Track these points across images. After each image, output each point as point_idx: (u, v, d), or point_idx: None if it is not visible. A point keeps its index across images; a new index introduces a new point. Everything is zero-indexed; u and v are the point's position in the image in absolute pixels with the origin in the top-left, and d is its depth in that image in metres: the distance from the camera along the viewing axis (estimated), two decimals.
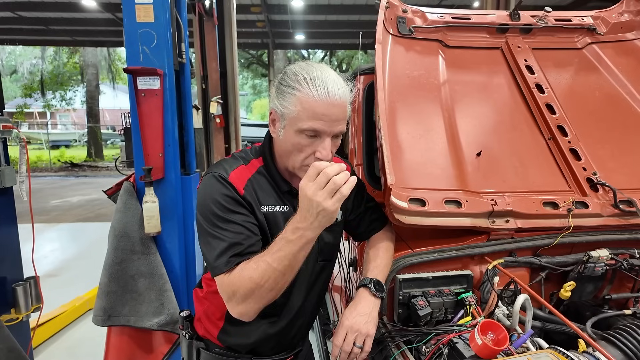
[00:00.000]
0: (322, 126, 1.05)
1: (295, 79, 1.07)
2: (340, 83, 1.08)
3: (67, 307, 3.76)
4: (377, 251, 1.34)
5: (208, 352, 1.30)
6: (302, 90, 1.05)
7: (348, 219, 1.39)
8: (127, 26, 2.05)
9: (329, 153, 1.10)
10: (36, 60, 23.47)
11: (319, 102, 1.04)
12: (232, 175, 1.13)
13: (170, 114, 2.16)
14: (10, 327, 1.97)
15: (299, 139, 1.08)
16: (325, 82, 1.05)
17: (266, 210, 1.16)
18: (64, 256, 5.78)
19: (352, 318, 1.16)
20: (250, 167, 1.19)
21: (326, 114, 1.05)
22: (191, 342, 1.33)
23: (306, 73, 1.07)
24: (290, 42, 17.15)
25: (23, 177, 2.10)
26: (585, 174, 1.53)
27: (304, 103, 1.05)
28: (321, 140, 1.08)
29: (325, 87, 1.04)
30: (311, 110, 1.04)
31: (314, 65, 1.11)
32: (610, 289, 1.47)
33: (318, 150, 1.08)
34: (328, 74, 1.08)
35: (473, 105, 1.75)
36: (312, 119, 1.05)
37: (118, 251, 2.12)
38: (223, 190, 1.11)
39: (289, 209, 1.20)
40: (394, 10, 1.85)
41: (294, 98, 1.06)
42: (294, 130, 1.08)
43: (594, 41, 1.96)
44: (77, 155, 19.91)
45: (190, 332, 1.33)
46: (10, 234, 2.14)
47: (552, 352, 0.93)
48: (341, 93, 1.06)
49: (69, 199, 10.26)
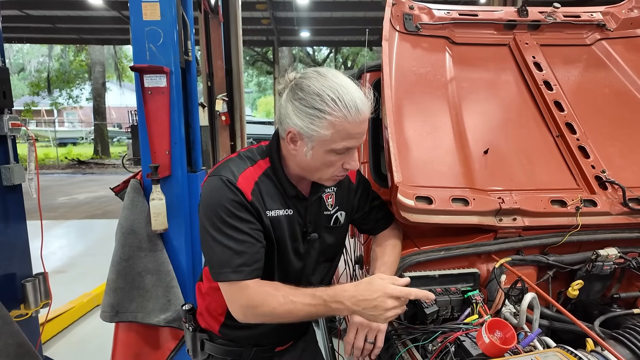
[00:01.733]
0: (354, 143, 1.07)
1: (321, 101, 1.01)
2: (363, 95, 1.06)
3: (75, 303, 3.80)
4: (384, 249, 1.34)
5: (212, 343, 1.32)
6: (333, 114, 1.01)
7: (353, 218, 1.39)
8: (133, 24, 2.06)
9: (357, 164, 1.12)
10: (43, 58, 23.65)
11: (353, 124, 1.02)
12: (240, 180, 1.11)
13: (177, 111, 2.17)
14: (20, 323, 1.99)
15: (329, 157, 1.07)
16: (354, 100, 1.02)
17: (272, 215, 1.15)
18: (71, 253, 5.84)
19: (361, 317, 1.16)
20: (257, 168, 1.17)
21: (358, 132, 1.05)
22: (195, 334, 1.35)
23: (332, 92, 1.01)
24: (295, 39, 17.12)
25: (32, 174, 2.12)
26: (593, 172, 1.52)
27: (337, 126, 1.02)
28: (351, 153, 1.10)
29: (356, 106, 1.02)
30: (346, 132, 1.03)
31: (331, 78, 1.05)
32: (618, 287, 1.46)
33: (348, 163, 1.10)
34: (351, 88, 1.04)
35: (480, 103, 1.74)
36: (345, 140, 1.04)
37: (125, 248, 2.14)
38: (231, 196, 1.09)
39: (293, 212, 1.20)
40: (401, 7, 1.84)
41: (326, 122, 1.01)
42: (325, 151, 1.06)
43: (603, 37, 1.94)
44: (84, 153, 20.06)
45: (194, 325, 1.36)
46: (20, 230, 2.16)
47: (560, 351, 0.93)
48: (367, 107, 1.06)
49: (76, 196, 10.35)
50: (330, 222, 1.29)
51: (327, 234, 1.29)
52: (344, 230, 1.36)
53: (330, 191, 1.28)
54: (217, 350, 1.32)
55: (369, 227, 1.44)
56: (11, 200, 2.10)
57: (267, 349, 1.34)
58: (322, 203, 1.27)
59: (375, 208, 1.41)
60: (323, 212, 1.27)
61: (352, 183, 1.34)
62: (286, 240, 1.19)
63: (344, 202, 1.31)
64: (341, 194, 1.31)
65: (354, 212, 1.38)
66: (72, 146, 22.80)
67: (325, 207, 1.28)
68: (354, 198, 1.35)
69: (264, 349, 1.33)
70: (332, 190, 1.28)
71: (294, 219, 1.20)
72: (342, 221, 1.32)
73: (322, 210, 1.27)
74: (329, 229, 1.29)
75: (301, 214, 1.21)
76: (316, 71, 1.07)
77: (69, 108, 29.72)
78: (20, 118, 2.11)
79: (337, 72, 1.08)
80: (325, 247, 1.29)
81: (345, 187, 1.32)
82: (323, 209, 1.27)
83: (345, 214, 1.32)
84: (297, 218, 1.21)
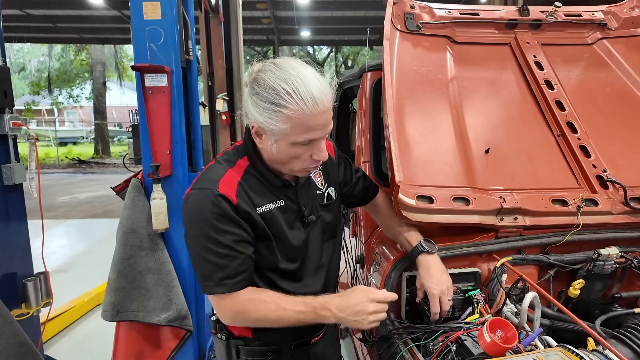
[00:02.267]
0: (317, 135, 1.05)
1: (276, 94, 0.99)
2: (323, 85, 1.02)
3: (76, 303, 3.81)
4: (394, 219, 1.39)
5: (247, 347, 1.29)
6: (288, 107, 0.98)
7: (343, 192, 1.42)
8: (134, 23, 2.06)
9: (326, 154, 1.11)
10: (44, 57, 23.65)
11: (310, 116, 1.00)
12: (221, 185, 1.09)
13: (178, 111, 2.17)
14: (21, 322, 1.99)
15: (294, 149, 1.06)
16: (310, 92, 0.98)
17: (262, 211, 1.14)
18: (72, 252, 5.84)
19: (435, 285, 1.20)
20: (237, 168, 1.15)
21: (319, 124, 1.02)
22: (228, 342, 1.31)
23: (286, 84, 0.98)
24: (295, 38, 17.11)
25: (33, 174, 2.12)
26: (595, 171, 1.52)
27: (294, 120, 1.00)
28: (317, 144, 1.08)
29: (313, 97, 0.98)
30: (303, 125, 1.01)
31: (288, 69, 1.02)
32: (619, 287, 1.46)
33: (316, 154, 1.09)
34: (307, 79, 1.00)
35: (481, 102, 1.74)
36: (306, 132, 1.02)
37: (126, 247, 2.14)
38: (213, 209, 1.07)
39: (284, 202, 1.19)
40: (402, 6, 1.83)
41: (282, 115, 0.99)
42: (288, 144, 1.05)
43: (604, 36, 1.94)
44: (85, 152, 20.06)
45: (227, 332, 1.31)
46: (21, 230, 2.16)
47: (561, 350, 0.93)
48: (327, 97, 1.02)
49: (77, 195, 10.35)
50: (324, 199, 1.31)
51: (325, 212, 1.31)
52: (338, 205, 1.38)
53: (318, 170, 1.30)
54: (254, 354, 1.29)
55: (360, 197, 1.47)
56: (12, 199, 2.10)
57: (303, 342, 1.33)
58: (312, 183, 1.28)
59: (361, 178, 1.45)
60: (316, 193, 1.29)
61: (332, 159, 1.36)
62: (285, 232, 1.18)
63: (331, 178, 1.34)
64: (327, 171, 1.33)
65: (342, 186, 1.40)
66: (72, 145, 22.80)
67: (316, 186, 1.29)
68: (337, 173, 1.37)
69: (301, 342, 1.32)
70: (318, 169, 1.29)
71: (288, 208, 1.20)
72: (334, 197, 1.34)
73: (314, 191, 1.28)
74: (324, 207, 1.31)
75: (294, 201, 1.21)
76: (273, 63, 1.04)
77: (69, 107, 29.73)
78: (21, 117, 2.11)
79: (295, 62, 1.05)
80: (326, 226, 1.31)
81: (328, 164, 1.33)
82: (315, 189, 1.28)
83: (335, 189, 1.35)
84: (291, 206, 1.21)
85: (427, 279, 1.22)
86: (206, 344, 2.62)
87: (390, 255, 1.45)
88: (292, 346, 1.31)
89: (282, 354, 1.30)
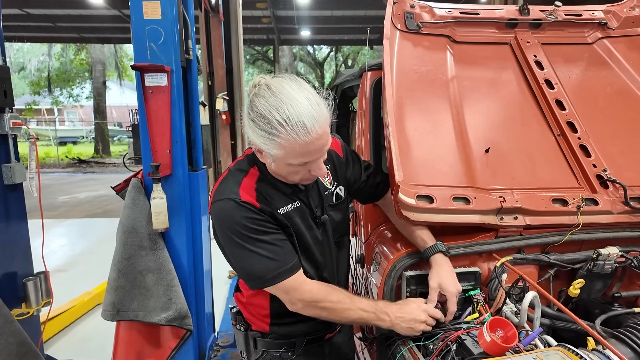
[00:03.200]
0: (312, 158, 1.08)
1: (268, 124, 1.01)
2: (317, 110, 1.02)
3: (76, 302, 3.81)
4: None
5: (264, 339, 1.38)
6: (281, 136, 1.01)
7: (353, 189, 1.43)
8: (134, 23, 2.05)
9: (324, 170, 1.16)
10: (43, 57, 23.63)
11: (302, 144, 1.02)
12: (242, 193, 1.15)
13: (178, 110, 2.17)
14: (21, 321, 2.00)
15: (291, 168, 1.11)
16: (301, 120, 0.99)
17: (283, 213, 1.21)
18: (72, 252, 5.84)
19: (451, 285, 1.22)
20: (251, 176, 1.21)
21: (311, 150, 1.05)
22: (247, 334, 1.40)
23: (278, 114, 0.99)
24: (296, 38, 17.11)
25: (33, 173, 2.12)
26: (595, 171, 1.52)
27: (286, 148, 1.03)
28: (314, 163, 1.11)
29: (304, 126, 0.99)
30: (295, 152, 1.04)
31: (280, 95, 1.01)
32: (619, 286, 1.46)
33: (314, 170, 1.13)
34: (300, 106, 1.00)
35: (481, 101, 1.74)
36: (299, 157, 1.06)
37: (126, 247, 2.14)
38: (244, 214, 1.12)
39: (300, 203, 1.25)
40: (402, 5, 1.83)
41: (275, 143, 1.03)
42: (285, 164, 1.10)
43: (604, 36, 1.94)
44: (85, 152, 20.06)
45: (245, 324, 1.40)
46: (21, 229, 2.16)
47: (561, 349, 0.93)
48: (320, 123, 1.03)
49: (77, 195, 10.36)
50: (333, 199, 1.34)
51: (334, 211, 1.35)
52: (346, 204, 1.42)
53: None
54: (270, 345, 1.37)
55: (371, 193, 1.49)
56: (12, 199, 2.10)
57: (318, 337, 1.40)
58: (320, 184, 1.32)
59: (372, 174, 1.46)
60: (325, 193, 1.32)
61: (340, 157, 1.38)
62: (303, 231, 1.24)
63: (339, 177, 1.36)
64: (335, 170, 1.35)
65: (352, 184, 1.42)
66: (72, 145, 22.79)
67: (324, 186, 1.32)
68: (346, 171, 1.39)
69: (315, 337, 1.39)
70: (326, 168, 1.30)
71: (303, 210, 1.25)
72: (342, 196, 1.37)
73: (322, 191, 1.31)
74: (333, 207, 1.35)
75: (306, 203, 1.27)
76: (268, 87, 1.04)
77: (69, 107, 29.70)
78: (21, 117, 2.11)
79: (289, 86, 1.04)
80: (336, 225, 1.35)
81: (336, 163, 1.36)
82: (323, 190, 1.32)
83: (344, 187, 1.37)
84: (305, 208, 1.26)
85: (445, 278, 1.23)
86: (206, 344, 2.62)
87: (390, 254, 1.45)
88: (305, 340, 1.37)
89: (297, 346, 1.36)
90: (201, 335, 2.54)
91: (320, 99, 1.07)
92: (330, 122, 1.09)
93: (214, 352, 2.74)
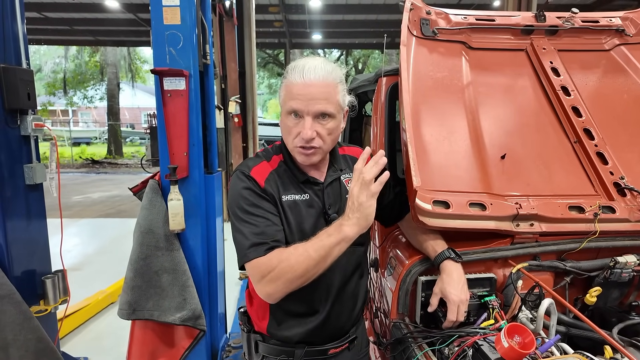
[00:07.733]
0: (299, 105, 1.16)
1: (286, 71, 1.23)
2: (319, 67, 1.17)
3: (90, 300, 3.87)
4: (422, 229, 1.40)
5: (264, 344, 1.37)
6: (287, 77, 1.21)
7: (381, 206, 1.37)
8: (154, 28, 2.10)
9: (310, 132, 1.17)
10: (59, 59, 24.07)
11: (295, 84, 1.17)
12: (253, 170, 1.25)
13: (195, 114, 2.21)
14: (39, 318, 2.04)
15: (287, 120, 1.21)
16: (303, 67, 1.17)
17: (287, 199, 1.25)
18: (86, 251, 5.93)
19: (456, 292, 1.21)
20: (272, 162, 1.30)
21: (301, 94, 1.16)
22: (249, 335, 1.40)
23: (294, 63, 1.21)
24: (307, 41, 17.16)
25: (53, 173, 2.18)
26: (612, 178, 1.51)
27: (286, 87, 1.20)
28: (302, 121, 1.18)
29: (302, 71, 1.17)
30: (290, 92, 1.18)
31: (307, 57, 1.24)
32: (636, 295, 1.45)
33: (303, 129, 1.18)
34: (310, 61, 1.19)
35: (497, 108, 1.74)
36: (291, 99, 1.18)
37: (143, 247, 2.18)
38: (246, 184, 1.23)
39: (309, 197, 1.28)
40: (418, 12, 1.85)
41: (282, 85, 1.23)
42: (284, 113, 1.22)
43: (622, 42, 1.93)
44: (98, 153, 20.36)
45: (248, 326, 1.41)
46: (40, 228, 2.22)
47: (579, 357, 0.93)
48: (317, 75, 1.16)
49: (90, 195, 10.50)
50: None
51: None
52: None
53: (349, 176, 1.33)
54: (270, 351, 1.35)
55: (398, 212, 1.49)
56: (33, 198, 2.16)
57: (320, 351, 1.33)
58: (342, 187, 1.33)
59: (400, 193, 1.47)
60: (345, 196, 1.31)
61: None
62: (304, 223, 1.25)
63: None
64: None
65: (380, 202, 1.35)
66: (86, 146, 23.13)
67: (347, 190, 1.32)
68: None
69: (317, 349, 1.33)
70: (351, 175, 1.29)
71: (312, 202, 1.27)
72: None
73: (343, 194, 1.32)
74: None
75: (319, 197, 1.29)
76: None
77: (83, 108, 30.17)
78: (42, 118, 2.16)
79: (318, 57, 1.24)
80: None
81: None
82: (344, 192, 1.32)
83: None
84: (316, 201, 1.28)
85: (449, 285, 1.23)
86: (219, 344, 2.65)
87: (405, 259, 1.46)
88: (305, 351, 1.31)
89: (296, 356, 1.32)
90: (214, 335, 2.56)
91: (335, 66, 1.22)
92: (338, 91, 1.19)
93: (226, 353, 2.76)
